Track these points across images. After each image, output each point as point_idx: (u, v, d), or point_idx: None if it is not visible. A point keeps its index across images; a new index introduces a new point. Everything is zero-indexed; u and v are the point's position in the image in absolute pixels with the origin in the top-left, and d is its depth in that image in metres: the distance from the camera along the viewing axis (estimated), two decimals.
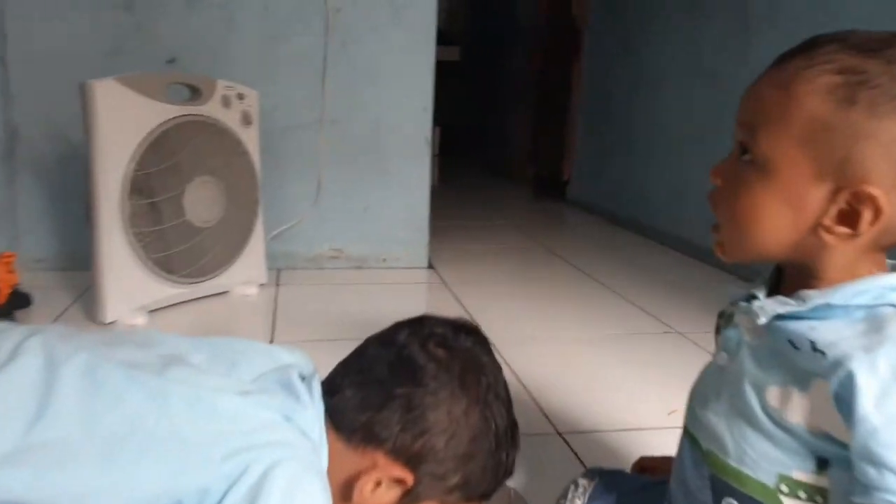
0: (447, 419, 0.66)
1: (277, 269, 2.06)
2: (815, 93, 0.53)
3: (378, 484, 0.66)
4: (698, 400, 0.65)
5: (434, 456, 0.66)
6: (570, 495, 0.82)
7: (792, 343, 0.55)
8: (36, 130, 1.92)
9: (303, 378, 0.69)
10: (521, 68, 4.41)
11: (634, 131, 2.98)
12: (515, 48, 4.54)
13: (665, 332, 1.67)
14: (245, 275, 1.82)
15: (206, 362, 0.70)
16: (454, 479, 0.67)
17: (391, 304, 1.85)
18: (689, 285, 2.12)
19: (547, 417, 1.19)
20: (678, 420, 1.20)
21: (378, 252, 2.18)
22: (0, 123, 1.88)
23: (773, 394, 0.56)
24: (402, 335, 0.71)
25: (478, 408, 0.68)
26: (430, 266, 2.22)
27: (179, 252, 1.64)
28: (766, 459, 0.57)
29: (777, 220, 0.56)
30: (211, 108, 1.71)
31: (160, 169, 1.58)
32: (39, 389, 0.61)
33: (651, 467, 0.87)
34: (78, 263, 1.87)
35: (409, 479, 0.66)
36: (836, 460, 0.53)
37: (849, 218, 0.52)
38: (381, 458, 0.66)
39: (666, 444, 1.13)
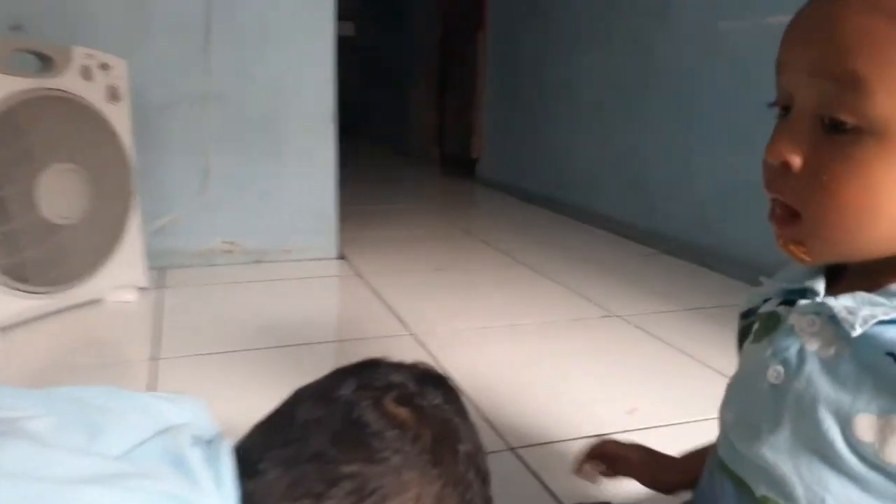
0: (412, 496, 0.46)
1: (160, 268, 1.78)
2: None
3: None
4: (742, 430, 0.49)
5: None
6: None
7: (894, 356, 0.40)
8: None
9: (203, 443, 0.48)
10: (420, 41, 4.21)
11: (548, 103, 2.85)
12: (413, 20, 4.33)
13: (604, 317, 1.54)
14: (120, 278, 1.54)
15: (54, 429, 0.47)
16: None
17: (299, 303, 1.62)
18: (618, 264, 2.01)
19: (496, 431, 1.02)
20: (640, 420, 1.06)
21: (279, 243, 1.94)
22: None
23: (864, 424, 0.41)
24: (348, 388, 0.51)
25: (456, 490, 0.49)
26: (342, 256, 2.00)
27: (33, 256, 1.34)
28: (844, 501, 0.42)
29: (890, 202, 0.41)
30: (68, 81, 1.41)
31: (7, 155, 1.29)
32: None
33: (612, 456, 0.71)
34: None
35: None
36: None
37: None
38: None
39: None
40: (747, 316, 0.55)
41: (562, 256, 2.07)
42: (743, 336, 0.55)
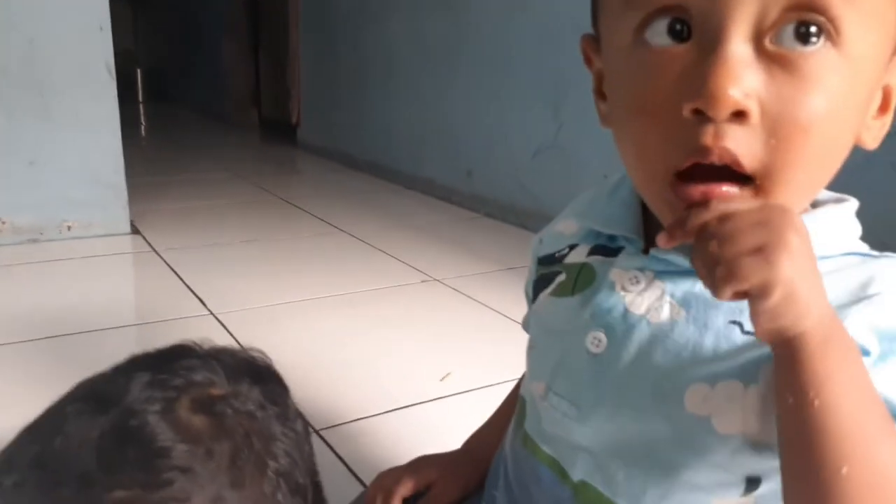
0: None
1: None
2: None
3: None
4: (555, 406, 0.43)
5: None
6: None
7: (739, 324, 0.36)
8: None
9: None
10: (230, 1, 3.91)
11: (365, 65, 2.74)
12: None
13: (423, 282, 1.49)
14: None
15: None
16: None
17: (83, 286, 1.41)
18: (440, 228, 1.98)
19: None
20: (453, 385, 1.02)
21: (58, 219, 1.69)
22: None
23: (696, 395, 0.37)
24: (135, 387, 0.39)
25: None
26: (135, 231, 1.78)
27: None
28: (670, 482, 0.38)
29: (854, 128, 0.35)
30: None
31: None
32: None
33: (411, 492, 0.58)
34: None
35: None
36: (773, 475, 0.36)
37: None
38: None
39: (442, 418, 0.95)
40: (548, 263, 0.48)
41: (384, 223, 2.00)
42: (539, 287, 0.48)
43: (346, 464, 0.83)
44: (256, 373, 0.45)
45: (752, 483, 0.37)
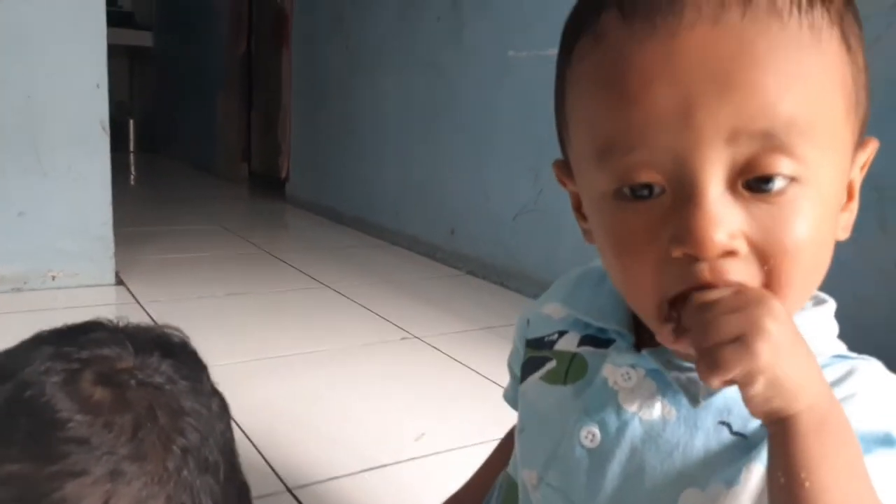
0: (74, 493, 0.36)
1: None
2: (829, 24, 0.34)
3: None
4: (547, 499, 0.44)
5: None
6: None
7: (727, 424, 0.38)
8: None
9: None
10: (225, 54, 4.01)
11: (354, 123, 2.81)
12: (215, 33, 4.12)
13: (403, 339, 1.51)
14: None
15: None
16: None
17: None
18: (421, 285, 2.01)
19: (275, 472, 0.94)
20: (428, 446, 1.04)
21: (44, 268, 1.70)
22: None
23: (689, 499, 0.38)
24: (36, 359, 0.39)
25: (166, 491, 0.39)
26: (120, 282, 1.80)
27: None
28: None
29: (833, 233, 0.38)
30: None
31: None
32: None
33: None
34: None
35: None
36: None
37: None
38: None
39: (415, 477, 0.96)
40: (537, 346, 0.49)
41: (366, 278, 2.03)
42: (529, 368, 0.49)
43: None
44: (169, 348, 0.44)
45: None
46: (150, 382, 0.41)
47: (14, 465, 0.36)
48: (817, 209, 0.34)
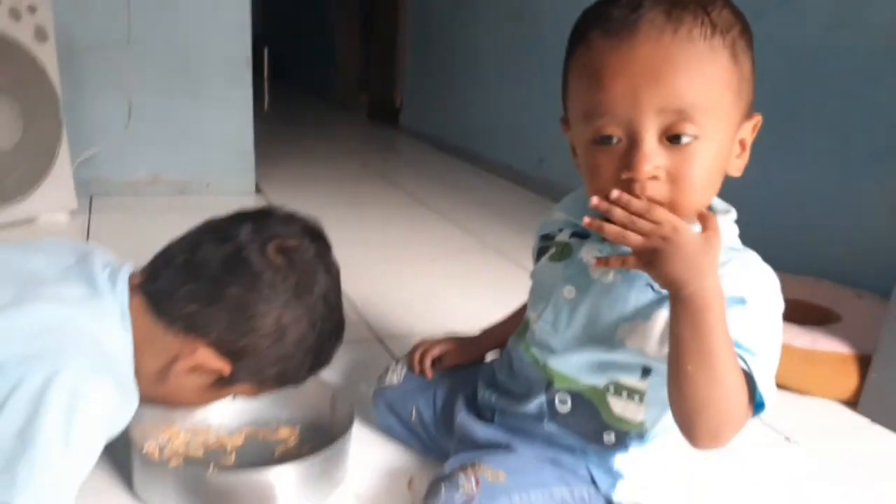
0: (275, 325, 0.69)
1: (90, 195, 1.95)
2: (723, 46, 0.58)
3: (193, 369, 0.69)
4: (542, 327, 0.73)
5: (255, 354, 0.70)
6: (388, 372, 0.91)
7: (651, 286, 0.65)
8: None
9: (108, 266, 0.71)
10: None
11: (459, 57, 3.06)
12: None
13: (480, 249, 1.80)
14: (52, 201, 1.71)
15: None
16: (271, 372, 0.72)
17: None
18: (506, 207, 2.28)
19: (369, 325, 1.28)
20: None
21: (201, 177, 2.12)
22: None
23: (623, 329, 0.66)
24: (244, 233, 0.70)
25: (307, 317, 0.71)
26: (259, 190, 2.20)
27: None
28: (602, 370, 0.69)
29: (719, 174, 0.62)
30: None
31: None
32: None
33: (439, 354, 0.91)
34: None
35: (227, 370, 0.70)
36: (656, 370, 0.67)
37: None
38: (201, 348, 0.69)
39: None
40: (546, 238, 0.76)
41: (460, 200, 2.32)
42: (540, 253, 0.76)
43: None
44: (312, 232, 0.75)
45: (647, 371, 0.68)
46: (304, 257, 0.72)
47: (235, 289, 0.68)
48: (710, 156, 0.59)
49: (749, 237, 0.68)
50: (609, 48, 0.58)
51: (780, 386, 0.62)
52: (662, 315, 0.64)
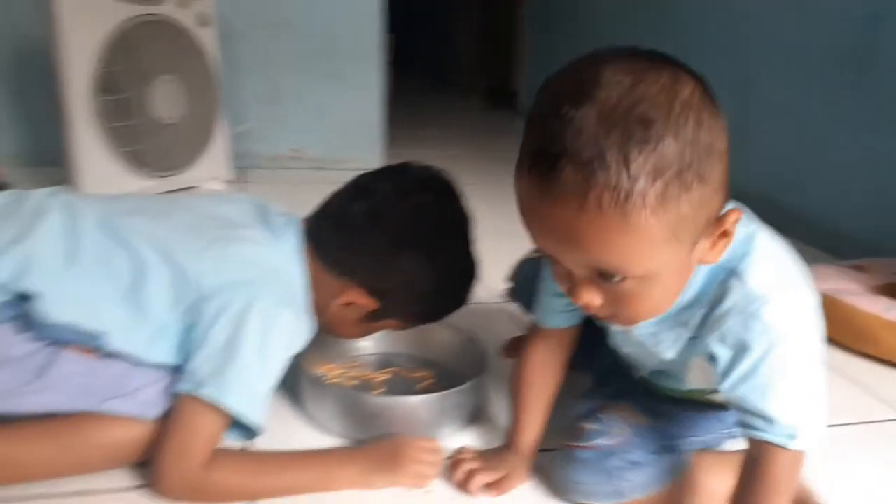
0: (414, 264, 0.80)
1: (242, 168, 2.15)
2: (660, 211, 0.51)
3: (348, 305, 0.82)
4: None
5: (396, 292, 0.82)
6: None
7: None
8: None
9: (282, 216, 0.85)
10: None
11: (576, 44, 3.08)
12: None
13: None
14: (211, 171, 1.92)
15: (199, 205, 0.86)
16: (414, 308, 0.83)
17: None
18: None
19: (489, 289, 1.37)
20: None
21: (335, 154, 2.28)
22: None
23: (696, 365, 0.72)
24: (386, 186, 0.82)
25: (441, 257, 0.82)
26: None
27: (148, 146, 1.72)
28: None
29: (677, 287, 0.61)
30: (168, 9, 1.74)
31: (125, 67, 1.64)
32: (67, 239, 0.74)
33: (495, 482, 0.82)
34: (47, 159, 1.92)
35: (374, 305, 0.82)
36: None
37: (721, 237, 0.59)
38: (352, 287, 0.81)
39: None
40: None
41: None
42: None
43: None
44: (445, 183, 0.86)
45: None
46: (440, 204, 0.83)
47: (378, 236, 0.80)
48: (651, 286, 0.57)
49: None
50: (532, 199, 0.55)
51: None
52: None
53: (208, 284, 0.74)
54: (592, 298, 0.58)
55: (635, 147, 0.49)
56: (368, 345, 1.05)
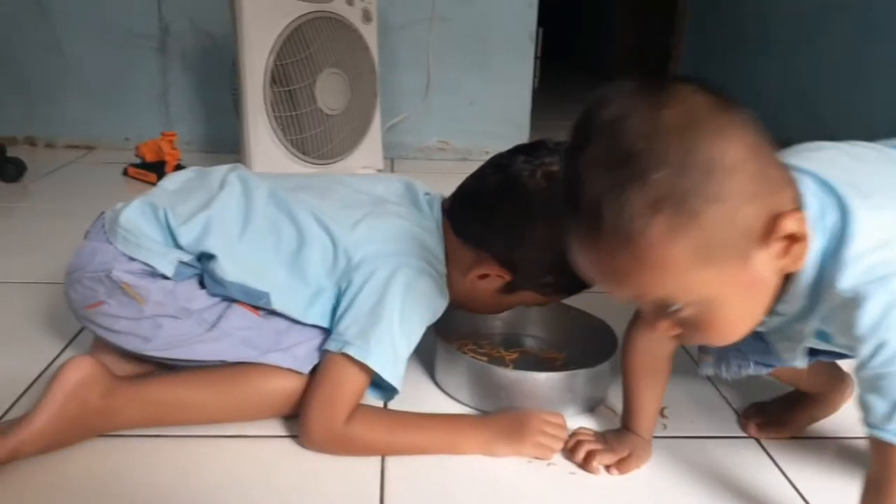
0: (541, 236, 0.82)
1: (391, 158, 2.27)
2: (672, 242, 0.51)
3: (484, 276, 0.86)
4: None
5: (528, 262, 0.85)
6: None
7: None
8: (184, 26, 2.17)
9: (427, 195, 0.93)
10: None
11: (743, 29, 2.93)
12: None
13: None
14: (365, 160, 2.05)
15: (356, 183, 0.96)
16: (545, 279, 0.86)
17: None
18: None
19: None
20: None
21: (481, 145, 2.34)
22: (155, 21, 2.15)
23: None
24: (518, 163, 0.85)
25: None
26: None
27: (312, 136, 1.87)
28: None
29: (751, 304, 0.59)
30: (337, 6, 1.88)
31: (295, 60, 1.80)
32: (243, 208, 0.85)
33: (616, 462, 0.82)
34: (222, 146, 2.15)
35: (507, 276, 0.86)
36: None
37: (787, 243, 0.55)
38: (487, 258, 0.86)
39: None
40: None
41: None
42: None
43: None
44: None
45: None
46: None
47: (508, 209, 0.84)
48: (711, 311, 0.56)
49: None
50: (574, 243, 0.57)
51: None
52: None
53: (358, 254, 0.82)
54: (668, 328, 0.59)
55: (627, 187, 0.50)
56: (502, 324, 1.10)
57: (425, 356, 0.98)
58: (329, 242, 0.83)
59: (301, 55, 1.81)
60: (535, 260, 0.84)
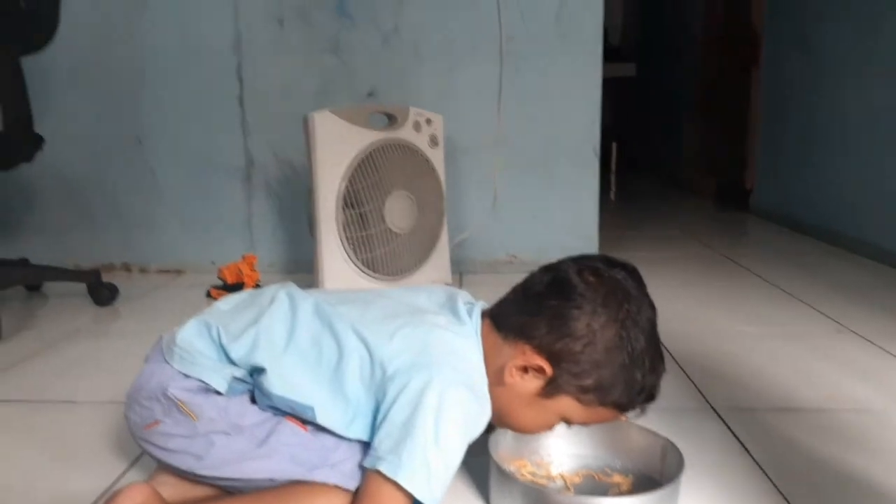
0: (586, 329, 0.81)
1: (460, 272, 2.30)
2: None
3: (524, 370, 0.85)
4: None
5: (571, 356, 0.83)
6: None
7: None
8: (267, 157, 2.34)
9: (468, 304, 0.94)
10: (695, 79, 4.38)
11: (815, 134, 2.89)
12: (688, 56, 4.52)
13: (838, 332, 1.67)
14: (434, 275, 2.08)
15: (398, 295, 0.97)
16: (588, 381, 0.83)
17: None
18: (868, 288, 2.06)
19: (701, 393, 1.29)
20: (837, 403, 1.25)
21: (549, 257, 2.29)
22: (241, 152, 2.33)
23: None
24: (565, 263, 0.88)
25: (614, 326, 0.82)
26: None
27: (381, 254, 1.93)
28: None
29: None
30: (405, 133, 1.99)
31: (366, 184, 1.89)
32: (289, 322, 0.88)
33: None
34: (300, 267, 2.25)
35: (549, 370, 0.84)
36: None
37: None
38: (528, 350, 0.85)
39: (823, 426, 1.18)
40: None
41: (814, 280, 2.16)
42: None
43: (735, 433, 1.16)
44: (626, 265, 0.87)
45: None
46: (615, 277, 0.85)
47: (553, 301, 0.84)
48: None
49: None
50: None
51: None
52: None
53: (392, 365, 0.82)
54: None
55: None
56: (563, 444, 1.05)
57: (479, 477, 0.95)
58: (367, 354, 0.84)
59: (371, 179, 1.90)
60: (577, 353, 0.82)
